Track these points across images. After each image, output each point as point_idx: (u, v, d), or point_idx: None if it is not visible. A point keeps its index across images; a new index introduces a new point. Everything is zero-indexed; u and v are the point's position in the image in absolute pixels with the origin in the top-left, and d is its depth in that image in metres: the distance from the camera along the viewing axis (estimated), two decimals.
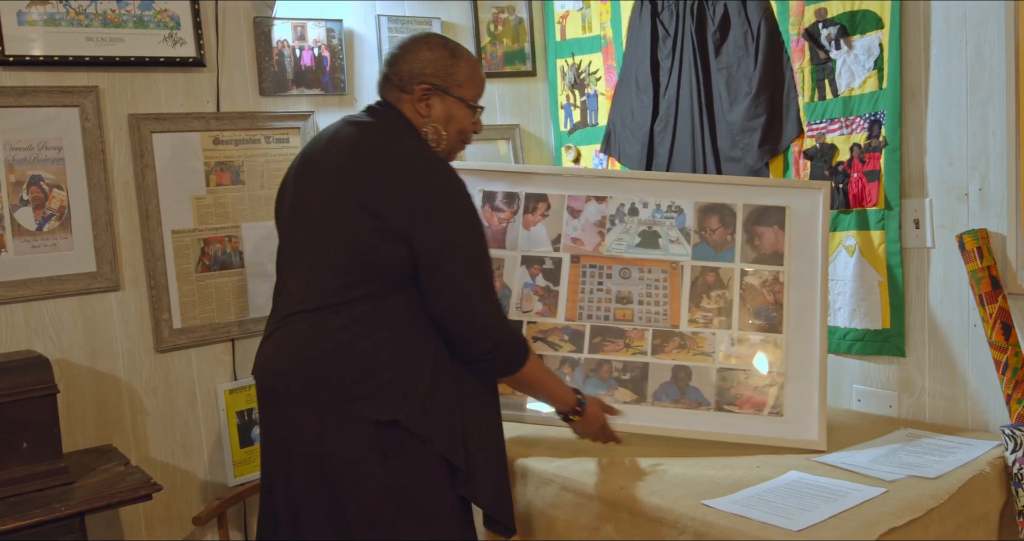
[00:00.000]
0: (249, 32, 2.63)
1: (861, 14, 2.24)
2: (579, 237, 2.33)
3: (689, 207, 2.28)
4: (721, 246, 2.25)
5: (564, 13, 3.12)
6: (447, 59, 1.93)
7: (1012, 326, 2.00)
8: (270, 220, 2.62)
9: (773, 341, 2.18)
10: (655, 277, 2.27)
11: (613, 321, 2.27)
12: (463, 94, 1.96)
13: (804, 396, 2.13)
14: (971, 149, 2.09)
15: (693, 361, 2.20)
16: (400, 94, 1.92)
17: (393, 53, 1.95)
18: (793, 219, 2.23)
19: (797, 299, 2.18)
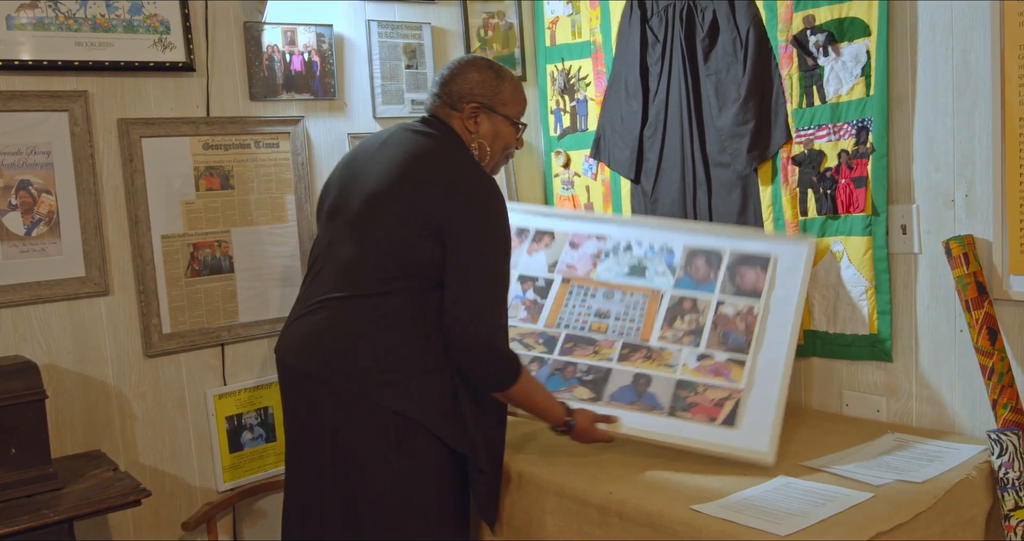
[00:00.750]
0: (239, 37, 2.62)
1: (849, 21, 2.26)
2: (574, 265, 2.51)
3: (679, 249, 2.42)
4: (703, 281, 2.36)
5: (554, 18, 3.13)
6: (493, 80, 2.10)
7: (998, 331, 2.01)
8: (260, 224, 2.63)
9: (738, 361, 2.20)
10: (635, 300, 2.37)
11: (588, 331, 2.37)
12: (507, 112, 2.13)
13: (760, 412, 2.10)
14: (957, 155, 2.11)
15: (655, 371, 2.24)
16: (450, 112, 2.09)
17: (444, 74, 2.12)
18: (777, 266, 2.29)
19: (769, 328, 2.20)
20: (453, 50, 3.05)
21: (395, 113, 2.90)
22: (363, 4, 2.85)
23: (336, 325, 1.98)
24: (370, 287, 1.97)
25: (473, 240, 1.95)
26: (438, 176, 1.97)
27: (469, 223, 1.94)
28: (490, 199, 1.98)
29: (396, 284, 1.95)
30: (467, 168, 2.00)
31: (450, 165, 1.99)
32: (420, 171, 1.98)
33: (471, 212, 1.95)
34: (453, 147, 2.06)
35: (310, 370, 1.99)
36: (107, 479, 2.13)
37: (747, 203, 2.55)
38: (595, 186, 3.06)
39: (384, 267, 1.96)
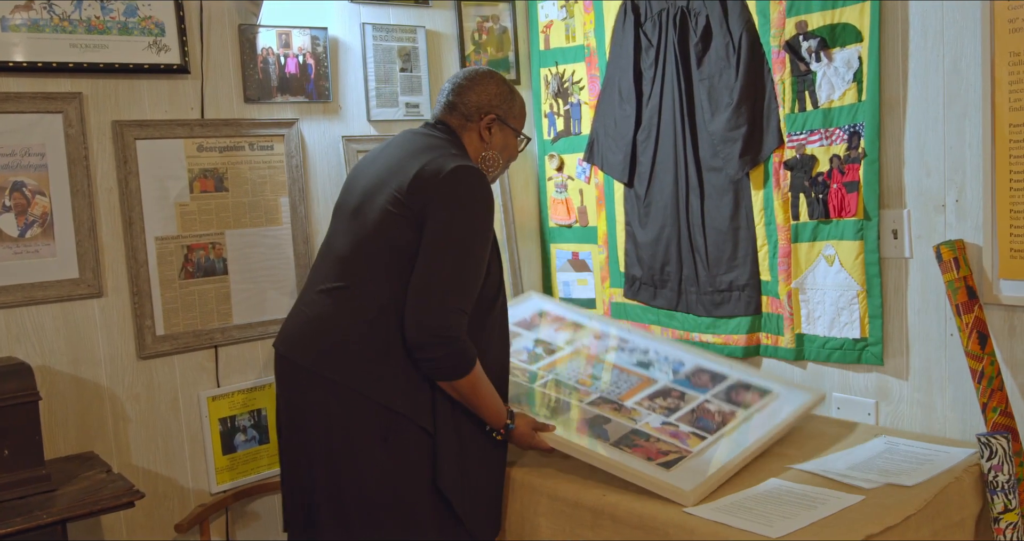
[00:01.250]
0: (234, 39, 2.63)
1: (841, 27, 2.27)
2: (590, 346, 2.67)
3: (690, 363, 2.53)
4: (700, 386, 2.43)
5: (548, 22, 3.15)
6: (508, 94, 2.20)
7: (988, 336, 2.03)
8: (254, 227, 2.64)
9: (700, 435, 2.17)
10: (630, 379, 2.47)
11: (574, 382, 2.42)
12: (516, 125, 2.23)
13: (702, 468, 2.02)
14: (948, 161, 2.13)
15: (616, 417, 2.25)
16: (465, 122, 2.16)
17: (461, 84, 2.18)
18: (775, 400, 2.33)
19: (742, 429, 2.20)
20: (447, 53, 3.06)
21: (389, 116, 2.91)
22: (358, 7, 2.86)
23: (327, 315, 2.01)
24: (361, 277, 2.00)
25: (445, 225, 1.95)
26: (429, 168, 1.98)
27: (446, 209, 1.95)
28: (473, 190, 1.99)
29: (386, 274, 1.98)
30: (459, 162, 2.00)
31: (442, 159, 2.01)
32: (413, 164, 2.00)
33: (451, 200, 1.96)
34: (452, 147, 2.09)
35: (302, 361, 2.01)
36: (100, 481, 2.13)
37: (739, 207, 2.57)
38: (588, 189, 3.07)
39: (374, 257, 1.99)
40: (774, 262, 2.51)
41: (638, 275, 2.92)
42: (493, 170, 2.21)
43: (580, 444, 2.12)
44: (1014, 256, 2.02)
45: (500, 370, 2.14)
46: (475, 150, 2.17)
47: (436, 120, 2.19)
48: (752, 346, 2.60)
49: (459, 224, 1.96)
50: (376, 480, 1.96)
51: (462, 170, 1.98)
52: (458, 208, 1.96)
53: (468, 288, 1.97)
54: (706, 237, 2.67)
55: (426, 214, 1.95)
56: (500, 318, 2.15)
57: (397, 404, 1.96)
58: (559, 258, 3.24)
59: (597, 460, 2.07)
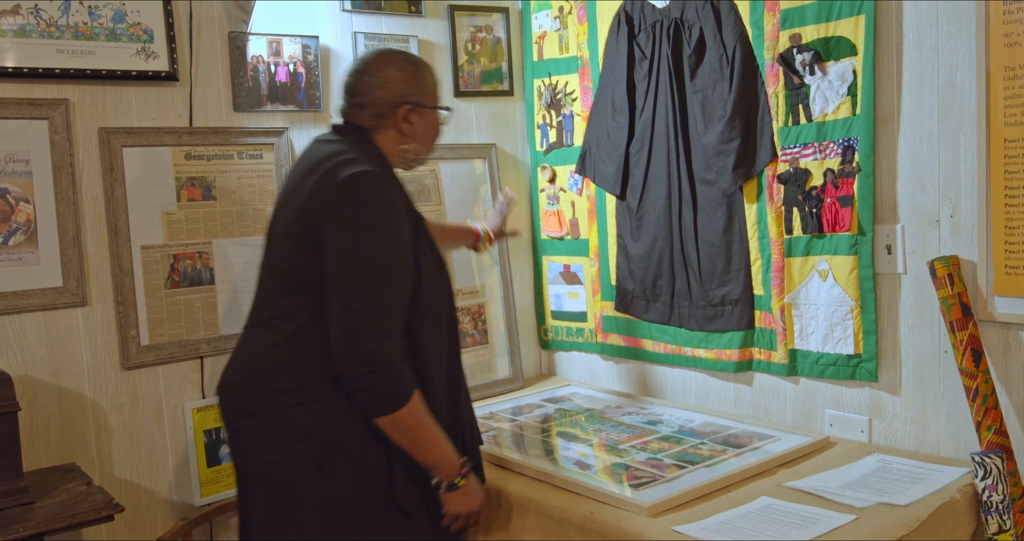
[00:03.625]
0: (224, 47, 2.60)
1: (835, 40, 2.26)
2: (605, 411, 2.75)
3: (699, 420, 2.57)
4: (700, 435, 2.44)
5: (542, 33, 3.13)
6: (414, 74, 1.97)
7: (982, 353, 2.00)
8: (241, 236, 2.61)
9: (680, 465, 2.19)
10: (634, 431, 2.51)
11: (578, 430, 2.55)
12: (434, 101, 2.03)
13: (670, 487, 2.04)
14: (943, 176, 2.10)
15: (598, 452, 2.35)
16: (379, 120, 1.94)
17: (361, 79, 1.95)
18: (773, 443, 2.32)
19: (728, 463, 2.20)
20: (440, 63, 3.03)
21: None
22: (349, 16, 2.84)
23: (248, 352, 1.92)
24: (273, 310, 1.88)
25: (347, 243, 1.77)
26: (320, 184, 1.81)
27: (342, 226, 1.77)
28: (367, 198, 1.78)
29: (296, 303, 1.83)
30: (350, 171, 1.80)
31: (335, 170, 1.81)
32: (308, 182, 1.84)
33: (345, 214, 1.77)
34: (353, 150, 1.89)
35: (232, 399, 1.91)
36: (80, 493, 2.09)
37: (732, 221, 2.54)
38: (580, 202, 3.04)
39: (282, 286, 1.87)
40: (767, 276, 2.48)
41: (630, 288, 2.89)
42: (416, 159, 2.02)
43: (545, 467, 2.17)
44: (1009, 273, 2.00)
45: (451, 409, 1.98)
46: (391, 147, 1.96)
47: (344, 121, 2.00)
48: (745, 361, 2.58)
49: (361, 239, 1.77)
50: (316, 519, 1.81)
51: (351, 179, 1.78)
52: (354, 222, 1.77)
53: (388, 307, 1.79)
54: (699, 250, 2.64)
55: (323, 235, 1.78)
56: (445, 343, 1.97)
57: (329, 433, 1.81)
58: (551, 270, 3.21)
59: (559, 480, 2.11)
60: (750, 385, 2.59)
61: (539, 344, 3.32)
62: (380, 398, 1.76)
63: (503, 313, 3.13)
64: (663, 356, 2.82)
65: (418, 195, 2.94)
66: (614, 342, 3.00)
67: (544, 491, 2.09)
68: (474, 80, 3.11)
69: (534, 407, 2.83)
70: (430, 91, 2.01)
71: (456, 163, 3.06)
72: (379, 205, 1.79)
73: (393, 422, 1.78)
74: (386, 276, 1.78)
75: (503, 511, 2.13)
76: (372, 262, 1.76)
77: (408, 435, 1.80)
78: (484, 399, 2.97)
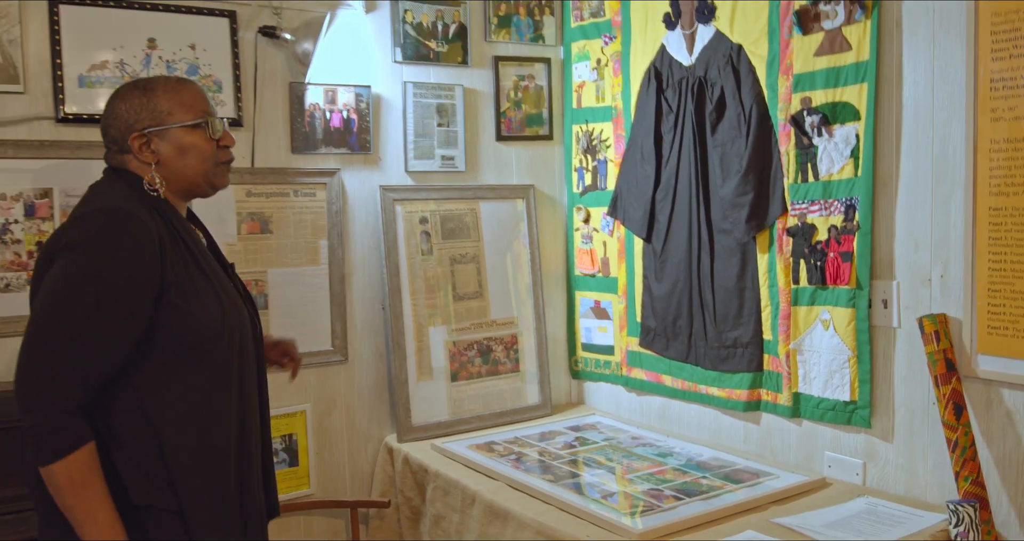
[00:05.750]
0: (284, 95, 2.88)
1: (841, 105, 2.41)
2: (622, 441, 2.93)
3: (708, 454, 2.73)
4: (705, 468, 2.61)
5: (581, 83, 3.34)
6: (141, 98, 1.78)
7: (964, 407, 2.13)
8: (294, 266, 2.87)
9: (679, 496, 2.36)
10: (643, 461, 2.69)
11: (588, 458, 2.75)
12: (177, 119, 1.79)
13: (664, 516, 2.22)
14: (935, 237, 2.24)
15: (607, 483, 2.52)
16: (123, 155, 1.79)
17: (102, 122, 1.83)
18: (772, 480, 2.48)
19: (727, 496, 2.37)
20: (483, 110, 3.27)
21: (425, 167, 3.13)
22: (400, 67, 3.09)
23: None
24: None
25: (51, 275, 1.63)
26: (54, 234, 1.69)
27: (62, 253, 1.63)
28: (87, 234, 1.63)
29: None
30: (80, 211, 1.68)
31: (72, 215, 1.70)
32: None
33: (60, 253, 1.63)
34: (101, 192, 1.75)
35: None
36: None
37: (746, 268, 2.70)
38: (611, 242, 3.23)
39: None
40: (775, 322, 2.63)
41: (653, 326, 3.06)
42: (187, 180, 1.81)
43: (549, 490, 2.37)
44: (991, 332, 2.12)
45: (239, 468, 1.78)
46: (147, 178, 1.78)
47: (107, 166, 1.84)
48: (753, 401, 2.72)
49: (66, 271, 1.61)
50: None
51: (87, 216, 1.66)
52: (70, 255, 1.62)
53: (65, 345, 1.59)
54: (715, 294, 2.80)
55: None
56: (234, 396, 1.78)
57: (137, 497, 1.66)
58: (582, 305, 3.40)
59: (559, 502, 2.32)
60: (758, 424, 2.74)
61: (570, 374, 3.51)
62: (32, 446, 1.58)
63: (535, 343, 3.33)
64: (681, 392, 2.98)
65: (458, 232, 3.17)
66: (637, 376, 3.17)
67: (547, 513, 2.28)
68: (516, 125, 3.33)
69: (557, 434, 3.02)
70: (168, 110, 1.78)
71: (496, 202, 3.28)
72: (95, 241, 1.63)
73: (47, 477, 1.59)
74: (76, 311, 1.60)
75: (508, 529, 2.32)
76: (69, 300, 1.60)
77: (61, 498, 1.59)
78: (513, 424, 3.17)
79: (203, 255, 1.80)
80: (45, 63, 2.52)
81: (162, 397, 1.68)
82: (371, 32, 3.03)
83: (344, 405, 3.02)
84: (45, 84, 2.52)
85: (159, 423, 1.67)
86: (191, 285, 1.72)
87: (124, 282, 1.63)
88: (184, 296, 1.70)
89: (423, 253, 3.11)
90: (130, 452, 1.66)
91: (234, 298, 1.82)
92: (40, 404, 1.57)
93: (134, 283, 1.63)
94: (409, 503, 2.86)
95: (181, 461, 1.68)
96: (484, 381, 3.20)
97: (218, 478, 1.73)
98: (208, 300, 1.74)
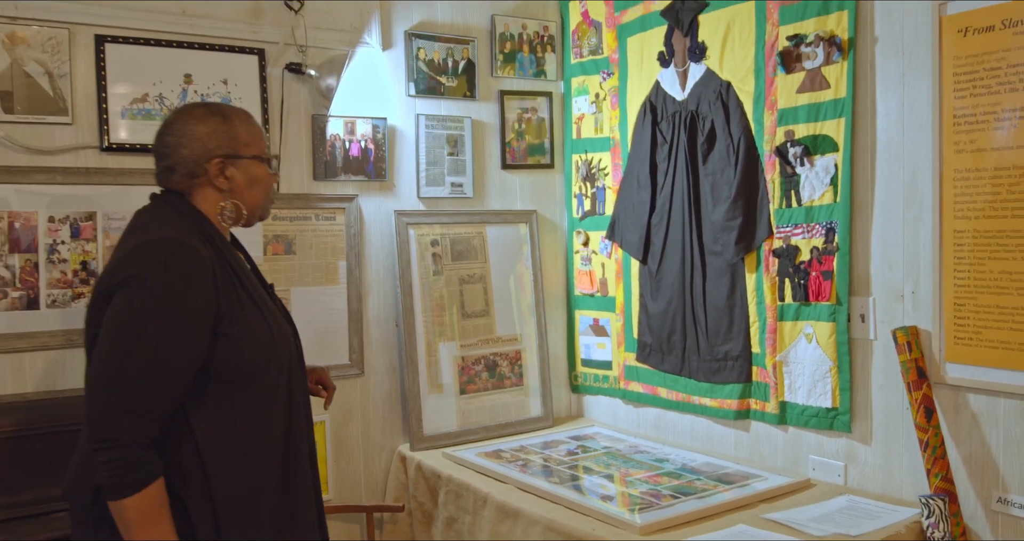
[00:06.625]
0: (307, 126, 3.10)
1: (821, 138, 2.65)
2: (622, 449, 3.12)
3: (701, 460, 2.94)
4: (698, 473, 2.81)
5: (580, 115, 3.58)
6: (222, 125, 1.83)
7: (934, 410, 2.35)
8: (315, 285, 3.07)
9: (675, 495, 2.55)
10: (641, 466, 2.89)
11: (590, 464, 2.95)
12: (253, 151, 1.87)
13: (663, 513, 2.40)
14: (906, 257, 2.47)
15: (608, 483, 2.75)
16: (191, 180, 1.82)
17: (163, 141, 1.83)
18: (760, 481, 2.68)
19: (720, 495, 2.57)
20: (490, 140, 3.50)
21: (436, 194, 3.35)
22: (414, 100, 3.32)
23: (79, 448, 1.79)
24: None
25: (113, 313, 1.66)
26: (113, 263, 1.73)
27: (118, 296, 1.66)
28: (148, 267, 1.66)
29: None
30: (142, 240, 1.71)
31: (132, 242, 1.73)
32: (112, 261, 1.74)
33: (123, 285, 1.66)
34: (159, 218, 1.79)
35: None
36: None
37: (735, 287, 2.93)
38: (609, 264, 3.46)
39: None
40: (763, 337, 2.85)
41: (649, 342, 3.28)
42: (240, 218, 1.89)
43: (556, 491, 2.58)
44: (957, 343, 2.34)
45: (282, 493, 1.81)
46: (212, 206, 1.84)
47: (162, 188, 1.88)
48: (743, 410, 2.94)
49: (128, 307, 1.64)
50: None
51: (141, 249, 1.69)
52: (129, 290, 1.65)
53: (134, 381, 1.62)
54: (707, 311, 3.03)
55: None
56: (282, 423, 1.82)
57: None
58: (582, 323, 3.62)
59: (567, 501, 2.51)
60: (747, 431, 2.95)
61: (570, 388, 3.72)
62: (106, 480, 1.62)
63: (538, 359, 3.54)
64: (675, 403, 3.19)
65: (466, 254, 3.39)
66: (634, 389, 3.38)
67: (555, 511, 2.48)
68: (519, 154, 3.57)
69: (559, 443, 3.22)
70: (245, 141, 1.85)
71: (501, 227, 3.51)
72: (159, 275, 1.66)
73: (117, 512, 1.62)
74: (142, 348, 1.63)
75: (519, 527, 2.52)
76: (134, 336, 1.64)
77: (129, 534, 1.62)
78: (517, 435, 3.37)
79: (249, 280, 1.86)
80: (91, 96, 2.74)
81: (211, 427, 1.71)
82: (387, 68, 3.27)
83: (360, 416, 3.21)
84: (91, 116, 2.74)
85: (206, 453, 1.69)
86: (241, 313, 1.76)
87: (184, 314, 1.66)
88: (236, 324, 1.74)
89: (434, 274, 3.32)
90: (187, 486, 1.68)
91: (280, 322, 1.88)
92: (118, 440, 1.60)
93: (194, 314, 1.68)
94: (421, 507, 3.05)
95: (226, 494, 1.70)
96: (490, 394, 3.41)
97: (262, 510, 1.76)
98: (258, 327, 1.78)
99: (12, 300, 2.62)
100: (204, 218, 1.83)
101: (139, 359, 1.63)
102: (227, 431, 1.73)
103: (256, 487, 1.76)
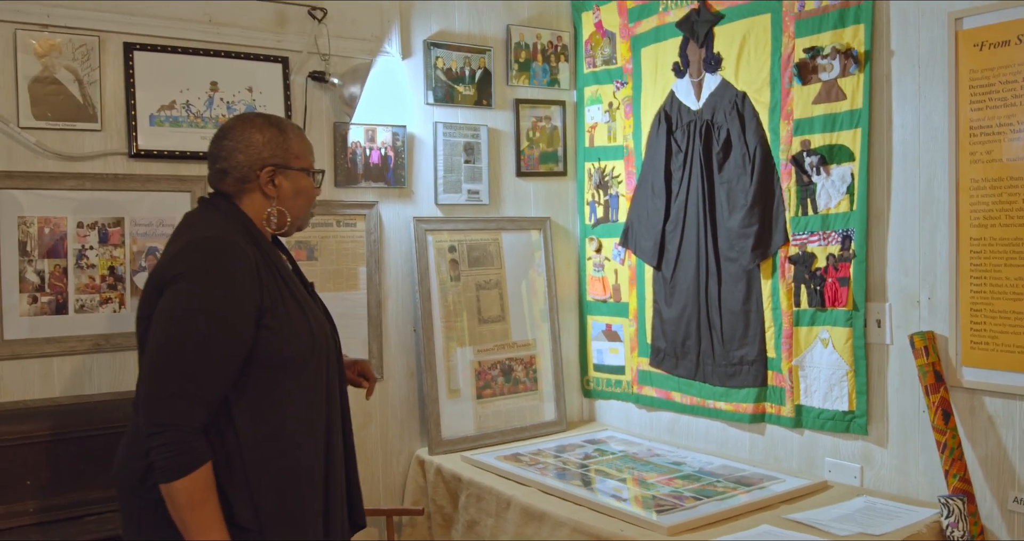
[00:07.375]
0: (330, 134, 3.15)
1: (838, 147, 2.72)
2: (638, 453, 3.18)
3: (718, 463, 2.99)
4: (717, 475, 2.86)
5: (593, 124, 3.64)
6: (278, 136, 1.94)
7: (951, 413, 2.41)
8: (337, 290, 3.11)
9: (697, 497, 2.61)
10: (659, 469, 2.95)
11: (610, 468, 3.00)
12: (303, 164, 1.99)
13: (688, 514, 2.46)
14: (922, 264, 2.54)
15: (631, 486, 2.80)
16: (242, 185, 1.92)
17: (221, 145, 1.93)
18: (777, 484, 2.73)
19: (740, 497, 2.63)
20: (505, 147, 3.55)
21: (453, 200, 3.40)
22: (432, 108, 3.37)
23: (129, 432, 1.91)
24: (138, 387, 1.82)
25: (167, 300, 1.76)
26: (165, 258, 1.84)
27: (169, 290, 1.76)
28: (199, 262, 1.77)
29: None
30: (194, 236, 1.82)
31: (183, 240, 1.83)
32: (164, 257, 1.85)
33: (175, 279, 1.76)
34: (210, 220, 1.89)
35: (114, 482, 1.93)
36: None
37: (751, 293, 2.99)
38: (622, 270, 3.51)
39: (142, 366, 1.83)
40: (779, 342, 2.92)
41: (663, 347, 3.34)
42: (283, 225, 1.98)
43: (583, 494, 2.63)
44: (974, 347, 2.41)
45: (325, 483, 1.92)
46: (258, 211, 1.94)
47: (212, 190, 1.98)
48: (758, 414, 3.00)
49: (179, 300, 1.75)
50: None
51: (190, 246, 1.80)
52: (180, 285, 1.75)
53: (186, 370, 1.73)
54: (722, 317, 3.09)
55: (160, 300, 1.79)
56: (322, 415, 1.92)
57: None
58: (595, 328, 3.67)
59: (595, 504, 2.56)
60: (763, 435, 3.01)
61: (582, 393, 3.77)
62: (160, 463, 1.70)
63: (551, 364, 3.59)
64: (689, 407, 3.25)
65: (482, 260, 3.43)
66: (648, 393, 3.44)
67: (580, 513, 2.52)
68: (533, 162, 3.62)
69: (575, 447, 3.27)
70: (297, 154, 1.97)
71: (515, 233, 3.56)
72: (205, 270, 1.76)
73: (168, 493, 1.71)
74: (193, 338, 1.74)
75: (545, 529, 2.57)
76: (182, 323, 1.74)
77: (178, 514, 1.72)
78: (532, 439, 3.41)
79: (291, 279, 1.95)
80: (120, 104, 2.77)
81: (250, 418, 1.80)
82: (406, 77, 3.32)
83: (379, 420, 3.25)
84: (120, 122, 2.77)
85: (245, 443, 1.78)
86: (283, 308, 1.85)
87: (232, 307, 1.76)
88: (278, 318, 1.83)
89: (451, 279, 3.37)
90: (228, 474, 1.77)
91: (319, 319, 1.97)
92: (172, 425, 1.70)
93: (240, 307, 1.77)
94: (441, 511, 3.09)
95: (263, 483, 1.79)
96: (506, 399, 3.45)
97: (300, 500, 1.84)
98: (298, 323, 1.87)
99: (41, 305, 2.65)
100: (249, 220, 1.94)
101: (191, 349, 1.73)
102: (265, 423, 1.82)
103: (293, 478, 1.84)
